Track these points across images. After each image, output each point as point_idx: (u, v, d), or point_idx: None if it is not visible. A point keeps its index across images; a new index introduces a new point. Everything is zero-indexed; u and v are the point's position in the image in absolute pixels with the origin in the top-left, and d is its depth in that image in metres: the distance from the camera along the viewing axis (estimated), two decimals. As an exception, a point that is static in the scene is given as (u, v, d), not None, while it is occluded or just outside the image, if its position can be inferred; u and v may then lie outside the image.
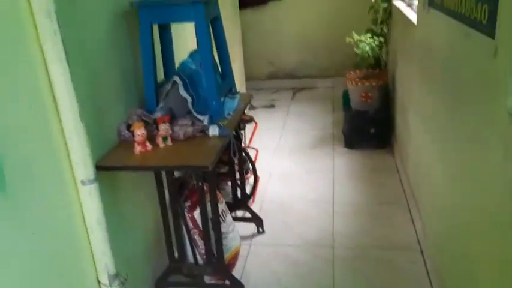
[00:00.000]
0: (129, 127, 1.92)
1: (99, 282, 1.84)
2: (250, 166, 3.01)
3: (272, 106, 5.40)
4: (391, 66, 4.02)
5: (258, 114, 4.98)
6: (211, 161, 1.78)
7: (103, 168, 1.77)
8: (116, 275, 1.86)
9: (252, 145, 3.56)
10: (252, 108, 5.26)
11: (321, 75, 5.92)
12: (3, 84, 1.34)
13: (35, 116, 1.49)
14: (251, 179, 3.14)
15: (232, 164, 2.77)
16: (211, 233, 2.22)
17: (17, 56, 1.42)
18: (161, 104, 2.09)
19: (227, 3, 4.24)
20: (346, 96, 4.14)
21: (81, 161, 1.64)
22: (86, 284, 1.78)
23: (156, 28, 2.25)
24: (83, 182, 1.67)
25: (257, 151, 3.30)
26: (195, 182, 2.18)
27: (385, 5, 3.92)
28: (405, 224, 2.85)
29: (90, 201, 1.69)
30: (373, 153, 3.90)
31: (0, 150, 1.30)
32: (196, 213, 2.22)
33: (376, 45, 3.74)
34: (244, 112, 2.97)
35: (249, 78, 5.45)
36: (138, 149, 1.88)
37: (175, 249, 2.29)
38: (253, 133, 3.24)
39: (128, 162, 1.82)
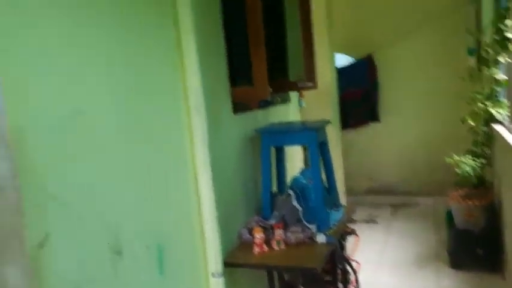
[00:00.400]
0: (250, 231, 2.28)
1: None
2: (353, 277, 3.13)
3: (373, 221, 5.49)
4: (496, 186, 4.02)
5: (359, 229, 5.09)
6: (319, 264, 2.03)
7: (229, 264, 2.12)
8: None
9: (354, 258, 3.68)
10: (353, 222, 5.41)
11: (422, 193, 5.94)
12: (168, 188, 1.81)
13: (184, 215, 1.93)
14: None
15: (335, 273, 2.94)
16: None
17: (179, 171, 1.91)
18: (276, 213, 2.45)
19: (330, 126, 4.72)
20: (449, 215, 4.16)
21: (213, 256, 2.01)
22: None
23: (273, 148, 2.71)
24: (213, 275, 2.02)
25: (359, 264, 3.42)
26: (302, 284, 2.41)
27: (485, 128, 4.08)
28: None
29: (217, 291, 2.02)
30: (483, 276, 3.74)
31: (161, 241, 1.72)
32: (302, 316, 2.41)
33: (478, 166, 3.84)
34: (346, 224, 3.22)
35: (349, 192, 5.68)
36: (256, 250, 2.21)
37: None
38: (355, 245, 3.40)
39: (249, 261, 2.15)
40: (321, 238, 2.28)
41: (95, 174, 1.39)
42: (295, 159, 3.28)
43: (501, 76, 3.89)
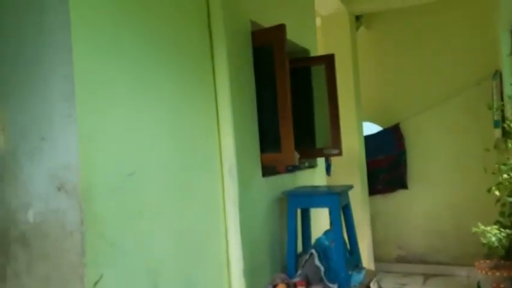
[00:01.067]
0: (274, 287, 2.44)
1: None
2: None
3: (402, 290, 5.41)
4: (525, 259, 3.99)
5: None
6: (338, 322, 2.15)
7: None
8: None
9: (378, 325, 3.69)
10: (381, 289, 5.35)
11: (454, 263, 5.84)
12: (201, 243, 2.03)
13: (215, 268, 2.13)
14: None
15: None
16: None
17: (212, 228, 2.14)
18: (299, 271, 2.60)
19: (357, 191, 4.87)
20: (480, 286, 4.12)
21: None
22: None
23: (299, 210, 2.91)
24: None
25: (383, 331, 3.42)
26: None
27: (511, 199, 4.13)
28: None
29: None
30: None
31: (192, 284, 1.91)
32: None
33: (504, 237, 3.86)
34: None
35: (378, 260, 5.67)
36: (279, 305, 2.35)
37: None
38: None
39: (271, 316, 2.29)
40: (341, 298, 2.40)
41: (143, 227, 1.64)
42: (320, 221, 3.44)
43: (524, 148, 4.00)
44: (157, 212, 1.73)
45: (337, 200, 2.66)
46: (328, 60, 3.32)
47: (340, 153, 3.41)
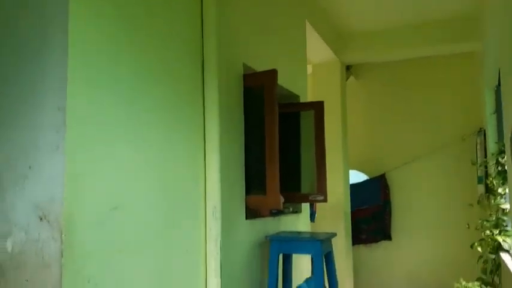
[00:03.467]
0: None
1: None
2: None
3: None
4: (506, 317, 3.95)
5: None
6: None
7: None
8: None
9: None
10: None
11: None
12: (183, 285, 2.00)
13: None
14: None
15: None
16: None
17: (192, 268, 2.12)
18: (278, 319, 2.55)
19: (341, 240, 4.85)
20: None
21: None
22: None
23: (280, 255, 2.89)
24: None
25: None
26: None
27: (492, 256, 4.15)
28: None
29: None
30: None
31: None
32: None
33: (485, 294, 3.84)
34: None
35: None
36: None
37: None
38: None
39: None
40: None
41: (123, 264, 1.62)
42: (302, 267, 3.40)
43: (506, 206, 4.06)
44: (137, 249, 1.71)
45: (319, 247, 2.65)
46: (318, 107, 3.41)
47: (325, 200, 3.43)
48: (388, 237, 5.91)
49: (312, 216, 4.36)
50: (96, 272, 1.47)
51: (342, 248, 4.92)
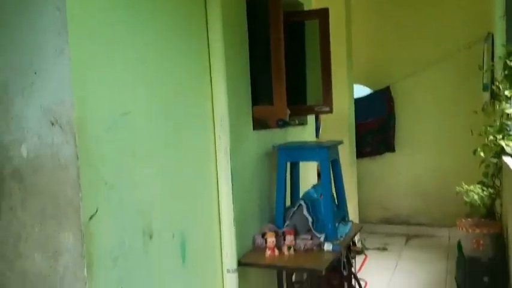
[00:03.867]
0: (263, 235, 2.50)
1: None
2: (358, 291, 3.27)
3: (384, 249, 5.59)
4: (504, 217, 4.13)
5: (369, 255, 5.22)
6: (324, 267, 2.23)
7: (243, 263, 2.33)
8: None
9: (362, 277, 3.81)
10: (365, 248, 5.52)
11: (437, 224, 6.02)
12: (193, 189, 2.06)
13: (206, 215, 2.17)
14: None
15: (342, 283, 3.11)
16: None
17: (203, 176, 2.17)
18: (287, 222, 2.66)
19: (346, 152, 4.93)
20: (460, 245, 4.27)
21: (229, 253, 2.23)
22: None
23: (288, 164, 2.95)
24: (228, 270, 2.23)
25: (366, 283, 3.55)
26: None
27: (495, 160, 4.23)
28: None
29: (231, 286, 2.23)
30: (489, 304, 3.82)
31: (185, 234, 1.96)
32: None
33: (486, 195, 3.98)
34: (355, 243, 3.39)
35: (362, 221, 5.81)
36: (268, 253, 2.42)
37: None
38: (362, 264, 3.54)
39: (260, 262, 2.36)
40: (328, 246, 2.48)
41: (136, 168, 1.66)
42: (308, 176, 3.50)
43: (510, 110, 4.06)
44: (150, 154, 1.74)
45: (326, 154, 2.70)
46: (322, 15, 3.28)
47: (330, 111, 3.43)
48: (392, 149, 6.00)
49: (317, 131, 4.39)
50: (112, 175, 1.51)
51: (346, 161, 5.00)
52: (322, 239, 2.56)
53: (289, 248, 2.45)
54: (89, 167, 1.40)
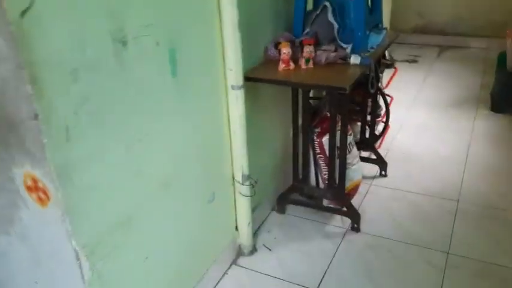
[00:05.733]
0: (276, 45, 2.06)
1: (234, 178, 2.09)
2: (383, 109, 2.98)
3: (414, 61, 5.14)
4: None
5: (398, 67, 4.81)
6: (349, 84, 1.84)
7: (250, 79, 1.96)
8: (248, 177, 2.08)
9: (388, 92, 3.49)
10: (393, 60, 5.07)
11: (476, 34, 5.40)
12: (183, -15, 1.56)
13: (201, 21, 1.70)
14: (380, 127, 3.11)
15: (365, 104, 2.79)
16: (336, 161, 2.32)
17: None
18: (307, 29, 2.18)
19: None
20: (502, 58, 3.76)
21: (234, 67, 1.83)
22: (223, 177, 2.05)
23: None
24: (232, 87, 1.87)
25: (392, 98, 3.24)
26: (328, 109, 2.28)
27: None
28: (547, 195, 2.60)
29: (236, 104, 1.90)
30: (522, 121, 3.54)
31: (174, 41, 1.53)
32: (325, 140, 2.33)
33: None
34: (385, 56, 2.93)
35: (393, 29, 5.23)
36: (282, 66, 2.02)
37: (300, 170, 2.45)
38: (391, 77, 3.18)
39: (271, 77, 1.98)
40: (355, 59, 2.05)
41: None
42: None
43: None
44: None
45: None
46: None
47: None
48: None
49: None
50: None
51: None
52: (348, 50, 2.12)
53: (307, 61, 2.03)
54: None
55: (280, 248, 2.27)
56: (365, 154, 2.96)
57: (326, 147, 2.33)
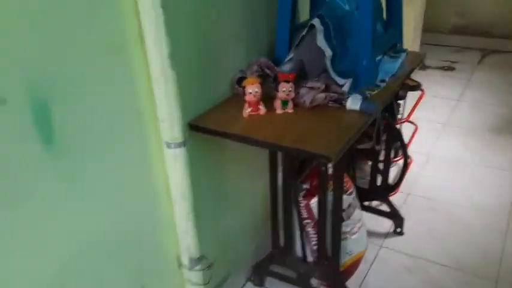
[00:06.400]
0: (239, 81, 1.46)
1: (179, 262, 1.53)
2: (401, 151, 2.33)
3: (451, 68, 4.39)
4: None
5: (430, 77, 4.09)
6: (336, 151, 1.22)
7: (197, 128, 1.37)
8: (200, 259, 1.52)
9: (412, 119, 2.81)
10: (424, 68, 4.34)
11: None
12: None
13: (110, 53, 1.12)
14: (400, 162, 2.46)
15: (376, 151, 2.15)
16: (329, 228, 1.72)
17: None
18: (290, 55, 1.56)
19: None
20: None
21: (167, 118, 1.25)
22: (163, 263, 1.48)
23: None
24: (167, 145, 1.30)
25: (416, 128, 2.58)
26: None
27: None
28: None
29: (174, 167, 1.33)
30: None
31: (46, 94, 0.96)
32: (314, 202, 1.72)
33: None
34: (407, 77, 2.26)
35: (427, 29, 4.49)
36: (247, 111, 1.42)
37: (281, 235, 1.86)
38: (416, 103, 2.51)
39: (227, 128, 1.38)
40: (353, 103, 1.42)
41: None
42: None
43: None
44: None
45: None
46: None
47: None
48: None
49: None
50: None
51: None
52: (346, 87, 1.49)
53: (284, 104, 1.42)
54: None
55: None
56: (375, 202, 2.34)
57: (315, 212, 1.73)
